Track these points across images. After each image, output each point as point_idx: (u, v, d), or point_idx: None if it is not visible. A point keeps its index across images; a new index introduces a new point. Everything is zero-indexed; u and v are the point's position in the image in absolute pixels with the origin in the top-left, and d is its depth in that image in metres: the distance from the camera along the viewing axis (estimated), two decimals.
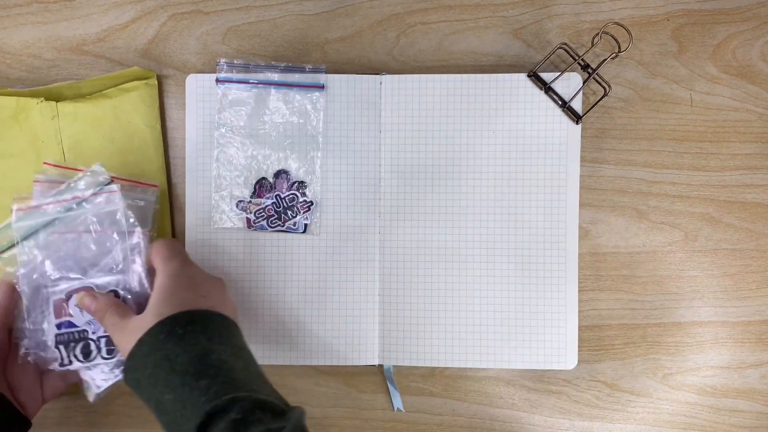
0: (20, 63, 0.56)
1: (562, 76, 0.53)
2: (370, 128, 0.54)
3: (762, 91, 0.55)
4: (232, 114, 0.53)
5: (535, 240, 0.54)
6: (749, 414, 0.56)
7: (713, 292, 0.56)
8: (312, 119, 0.53)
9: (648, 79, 0.55)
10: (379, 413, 0.56)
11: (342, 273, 0.54)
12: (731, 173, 0.55)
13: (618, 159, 0.55)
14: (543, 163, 0.54)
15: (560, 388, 0.56)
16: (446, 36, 0.56)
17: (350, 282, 0.54)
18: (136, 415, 0.56)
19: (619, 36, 0.53)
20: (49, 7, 0.56)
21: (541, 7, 0.55)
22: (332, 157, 0.54)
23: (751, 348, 0.56)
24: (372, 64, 0.56)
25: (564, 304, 0.54)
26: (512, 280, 0.54)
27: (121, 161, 0.53)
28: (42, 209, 0.45)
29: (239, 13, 0.56)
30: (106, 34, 0.56)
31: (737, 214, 0.55)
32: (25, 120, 0.52)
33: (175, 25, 0.56)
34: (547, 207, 0.54)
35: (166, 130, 0.56)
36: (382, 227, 0.55)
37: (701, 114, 0.55)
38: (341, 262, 0.54)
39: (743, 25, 0.55)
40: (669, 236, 0.55)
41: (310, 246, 0.54)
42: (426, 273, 0.54)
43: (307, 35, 0.56)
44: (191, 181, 0.54)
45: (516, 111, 0.54)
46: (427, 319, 0.54)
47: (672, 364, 0.56)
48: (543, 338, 0.54)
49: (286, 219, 0.54)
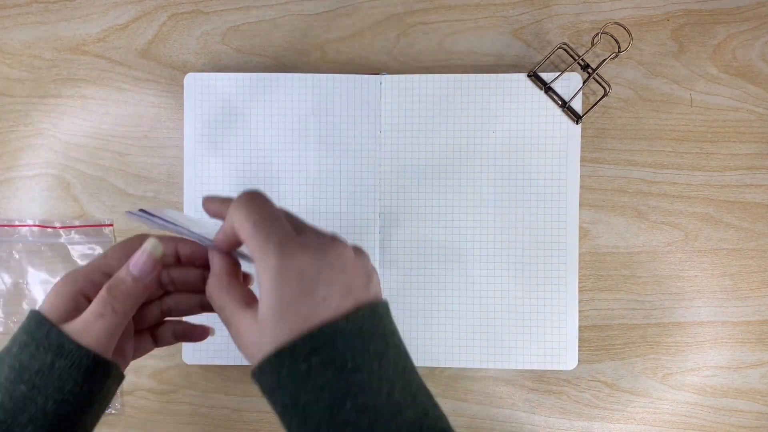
0: (20, 63, 0.56)
1: (562, 76, 0.53)
2: (370, 128, 0.54)
3: (762, 91, 0.55)
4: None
5: (535, 240, 0.54)
6: (749, 414, 0.56)
7: (713, 292, 0.56)
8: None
9: (648, 79, 0.55)
10: None
11: None
12: (731, 173, 0.55)
13: (618, 159, 0.55)
14: (543, 163, 0.54)
15: (560, 388, 0.56)
16: (446, 36, 0.56)
17: None
18: (135, 415, 0.56)
19: (619, 36, 0.53)
20: (49, 7, 0.56)
21: (541, 7, 0.55)
22: (332, 157, 0.54)
23: (751, 348, 0.56)
24: (372, 64, 0.56)
25: (564, 304, 0.54)
26: (512, 280, 0.54)
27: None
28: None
29: (239, 13, 0.56)
30: (106, 34, 0.56)
31: (737, 214, 0.55)
32: None
33: (175, 25, 0.56)
34: (547, 207, 0.54)
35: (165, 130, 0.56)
36: (382, 227, 0.55)
37: (701, 114, 0.55)
38: None
39: (743, 25, 0.55)
40: (669, 236, 0.55)
41: None
42: (426, 273, 0.54)
43: (307, 35, 0.56)
44: (189, 180, 0.54)
45: (516, 111, 0.54)
46: (427, 319, 0.54)
47: (672, 364, 0.56)
48: (543, 338, 0.54)
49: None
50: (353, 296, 0.33)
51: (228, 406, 0.57)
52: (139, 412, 0.56)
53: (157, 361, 0.56)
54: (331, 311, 0.32)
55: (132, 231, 0.56)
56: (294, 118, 0.54)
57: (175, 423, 0.56)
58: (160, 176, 0.56)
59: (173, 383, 0.56)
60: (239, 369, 0.56)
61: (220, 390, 0.56)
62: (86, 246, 0.56)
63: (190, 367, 0.56)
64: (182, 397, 0.56)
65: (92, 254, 0.56)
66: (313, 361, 0.31)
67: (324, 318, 0.31)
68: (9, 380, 0.33)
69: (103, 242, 0.56)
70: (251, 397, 0.56)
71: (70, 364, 0.34)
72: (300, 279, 0.32)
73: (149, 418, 0.57)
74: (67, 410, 0.34)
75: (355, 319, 0.32)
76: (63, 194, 0.56)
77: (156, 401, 0.56)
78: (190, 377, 0.56)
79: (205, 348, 0.54)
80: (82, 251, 0.56)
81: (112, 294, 0.35)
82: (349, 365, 0.31)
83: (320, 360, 0.31)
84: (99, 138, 0.56)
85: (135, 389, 0.56)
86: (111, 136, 0.56)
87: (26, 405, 0.33)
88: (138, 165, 0.56)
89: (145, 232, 0.41)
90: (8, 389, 0.33)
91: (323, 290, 0.32)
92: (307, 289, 0.32)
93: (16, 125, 0.56)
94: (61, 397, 0.33)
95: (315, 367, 0.31)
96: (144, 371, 0.56)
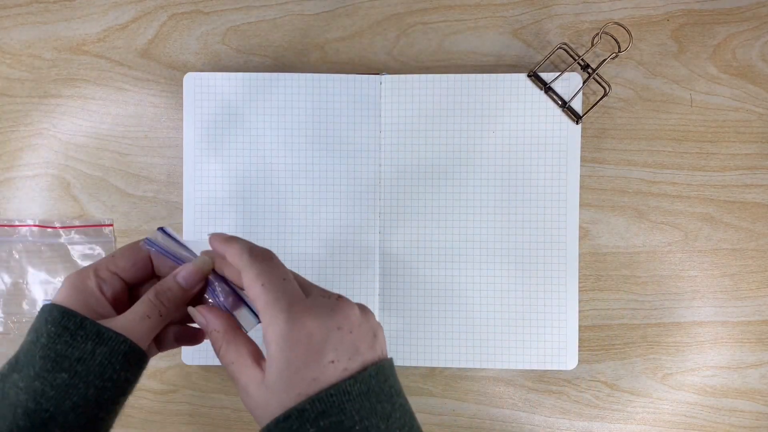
0: (20, 63, 0.56)
1: (562, 76, 0.53)
2: (370, 128, 0.54)
3: (762, 91, 0.55)
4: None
5: (535, 240, 0.54)
6: (749, 414, 0.56)
7: (713, 292, 0.56)
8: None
9: (648, 79, 0.55)
10: None
11: (342, 273, 0.54)
12: (731, 173, 0.55)
13: (618, 159, 0.55)
14: (543, 163, 0.54)
15: (560, 388, 0.56)
16: (446, 36, 0.56)
17: (350, 282, 0.54)
18: (135, 415, 0.56)
19: (619, 36, 0.53)
20: (49, 7, 0.56)
21: (541, 7, 0.55)
22: (332, 157, 0.54)
23: (751, 348, 0.56)
24: (372, 64, 0.56)
25: (564, 304, 0.54)
26: (512, 280, 0.54)
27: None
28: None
29: (239, 13, 0.56)
30: (106, 34, 0.56)
31: (737, 214, 0.55)
32: None
33: (175, 25, 0.56)
34: (547, 207, 0.54)
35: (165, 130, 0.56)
36: (382, 227, 0.55)
37: (701, 114, 0.55)
38: (341, 262, 0.54)
39: (743, 25, 0.55)
40: (669, 236, 0.55)
41: (309, 246, 0.54)
42: (426, 273, 0.54)
43: (307, 35, 0.56)
44: (189, 180, 0.54)
45: (516, 111, 0.54)
46: (427, 319, 0.54)
47: (672, 364, 0.56)
48: (543, 338, 0.54)
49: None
50: (360, 357, 0.33)
51: (228, 406, 0.57)
52: (139, 412, 0.56)
53: (157, 361, 0.56)
54: (338, 373, 0.32)
55: (131, 231, 0.56)
56: (294, 118, 0.54)
57: (175, 423, 0.56)
58: (159, 176, 0.56)
59: (173, 383, 0.56)
60: None
61: (220, 390, 0.56)
62: (86, 246, 0.56)
63: (190, 367, 0.56)
64: (182, 397, 0.56)
65: (92, 254, 0.56)
66: (321, 425, 0.31)
67: (332, 381, 0.32)
68: (45, 369, 0.33)
69: (103, 242, 0.56)
70: None
71: (110, 351, 0.35)
72: (308, 343, 0.32)
73: (149, 418, 0.57)
74: (105, 397, 0.34)
75: (363, 379, 0.32)
76: (63, 194, 0.56)
77: (156, 401, 0.56)
78: (190, 377, 0.56)
79: (205, 348, 0.54)
80: (82, 251, 0.56)
81: (160, 299, 0.37)
82: (357, 427, 0.31)
83: (329, 423, 0.31)
84: (99, 138, 0.56)
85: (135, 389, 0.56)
86: (111, 136, 0.56)
87: (69, 392, 0.33)
88: (138, 165, 0.56)
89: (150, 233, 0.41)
90: (47, 378, 0.33)
91: (331, 354, 0.32)
92: (315, 354, 0.32)
93: (16, 125, 0.56)
94: (102, 383, 0.34)
95: (323, 431, 0.31)
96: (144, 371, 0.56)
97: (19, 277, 0.56)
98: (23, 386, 0.33)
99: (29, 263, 0.56)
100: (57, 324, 0.35)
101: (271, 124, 0.54)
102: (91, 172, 0.56)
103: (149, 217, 0.56)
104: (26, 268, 0.56)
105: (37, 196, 0.56)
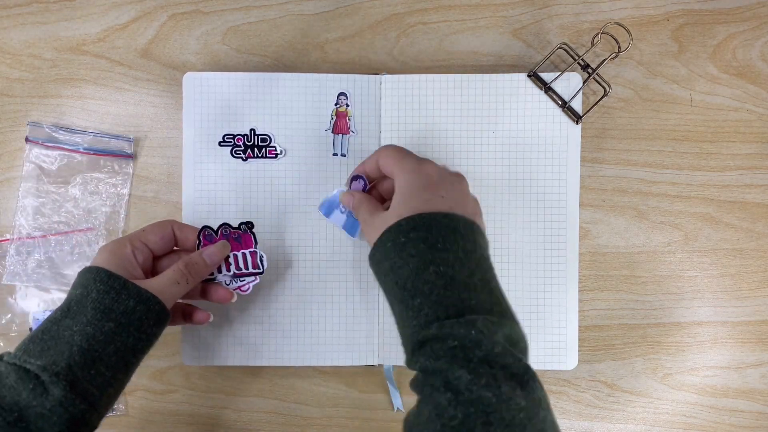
0: (20, 63, 0.56)
1: (562, 76, 0.53)
2: (370, 128, 0.54)
3: (762, 91, 0.55)
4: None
5: (535, 240, 0.54)
6: (749, 414, 0.56)
7: (713, 292, 0.56)
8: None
9: (648, 79, 0.55)
10: (379, 413, 0.56)
11: (342, 273, 0.54)
12: (731, 173, 0.55)
13: (618, 159, 0.55)
14: (543, 163, 0.54)
15: (560, 388, 0.56)
16: (446, 36, 0.56)
17: (350, 282, 0.54)
18: (135, 415, 0.56)
19: (619, 36, 0.53)
20: (49, 7, 0.56)
21: (541, 7, 0.55)
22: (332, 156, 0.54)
23: (751, 348, 0.56)
24: (372, 64, 0.56)
25: (564, 304, 0.54)
26: (512, 280, 0.54)
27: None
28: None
29: (239, 13, 0.56)
30: (106, 34, 0.56)
31: (737, 214, 0.55)
32: None
33: (175, 25, 0.56)
34: (547, 207, 0.54)
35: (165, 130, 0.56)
36: None
37: (701, 114, 0.55)
38: (341, 262, 0.54)
39: (743, 25, 0.55)
40: (669, 236, 0.55)
41: (310, 246, 0.54)
42: None
43: (307, 35, 0.56)
44: (188, 180, 0.54)
45: (516, 111, 0.54)
46: None
47: (672, 364, 0.56)
48: (543, 338, 0.54)
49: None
50: (464, 208, 0.42)
51: (228, 406, 0.57)
52: (139, 412, 0.56)
53: (157, 362, 0.56)
54: (446, 206, 0.41)
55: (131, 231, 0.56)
56: (294, 118, 0.54)
57: (175, 423, 0.56)
58: (160, 176, 0.56)
59: (173, 383, 0.56)
60: (239, 369, 0.56)
61: (220, 390, 0.56)
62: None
63: (189, 368, 0.56)
64: (182, 397, 0.56)
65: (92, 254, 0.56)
66: (411, 236, 0.40)
67: (440, 208, 0.41)
68: (96, 318, 0.40)
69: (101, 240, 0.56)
70: (251, 397, 0.56)
71: (147, 308, 0.42)
72: (427, 179, 0.42)
73: (149, 418, 0.57)
74: (139, 346, 0.42)
75: (455, 219, 0.40)
76: None
77: (156, 401, 0.56)
78: (190, 377, 0.56)
79: (205, 349, 0.54)
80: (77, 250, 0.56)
81: (188, 270, 0.45)
82: (439, 245, 0.39)
83: (417, 236, 0.39)
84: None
85: (135, 389, 0.56)
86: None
87: (113, 338, 0.41)
88: (138, 165, 0.56)
89: (162, 219, 0.48)
90: (97, 325, 0.40)
91: (443, 191, 0.42)
92: (431, 186, 0.42)
93: (16, 125, 0.56)
94: (138, 334, 0.42)
95: (411, 241, 0.39)
96: (144, 371, 0.56)
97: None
98: (77, 330, 0.40)
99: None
100: (105, 283, 0.42)
101: (271, 124, 0.54)
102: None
103: (149, 217, 0.56)
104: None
105: None
